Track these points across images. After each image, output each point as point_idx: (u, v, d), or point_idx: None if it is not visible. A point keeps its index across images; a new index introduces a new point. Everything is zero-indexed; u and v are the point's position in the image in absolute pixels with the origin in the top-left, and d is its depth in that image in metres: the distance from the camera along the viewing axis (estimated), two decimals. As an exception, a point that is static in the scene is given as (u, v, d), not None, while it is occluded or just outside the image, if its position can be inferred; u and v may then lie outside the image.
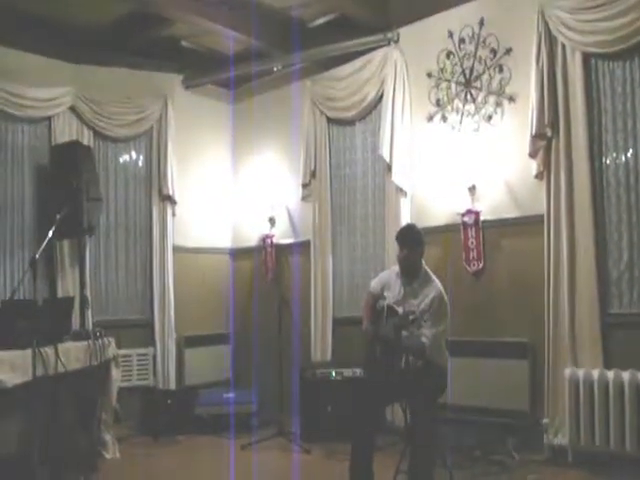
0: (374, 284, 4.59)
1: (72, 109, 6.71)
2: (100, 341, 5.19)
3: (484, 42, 5.68)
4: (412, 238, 4.35)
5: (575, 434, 4.84)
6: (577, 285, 5.03)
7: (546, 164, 5.22)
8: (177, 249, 7.34)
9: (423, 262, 4.38)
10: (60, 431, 4.83)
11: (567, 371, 4.92)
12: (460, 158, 5.75)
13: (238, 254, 7.97)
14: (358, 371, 5.80)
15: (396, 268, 4.48)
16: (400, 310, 4.19)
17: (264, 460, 5.39)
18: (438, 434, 4.15)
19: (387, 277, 4.53)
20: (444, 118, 5.96)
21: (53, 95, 6.57)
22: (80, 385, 5.11)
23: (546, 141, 5.20)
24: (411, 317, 4.05)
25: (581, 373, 4.85)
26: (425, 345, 4.05)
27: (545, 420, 5.06)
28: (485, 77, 5.67)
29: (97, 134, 6.95)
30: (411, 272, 4.34)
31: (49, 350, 4.61)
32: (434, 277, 4.36)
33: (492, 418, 5.32)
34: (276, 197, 7.43)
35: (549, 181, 5.20)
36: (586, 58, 5.08)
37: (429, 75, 6.05)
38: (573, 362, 4.97)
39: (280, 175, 7.49)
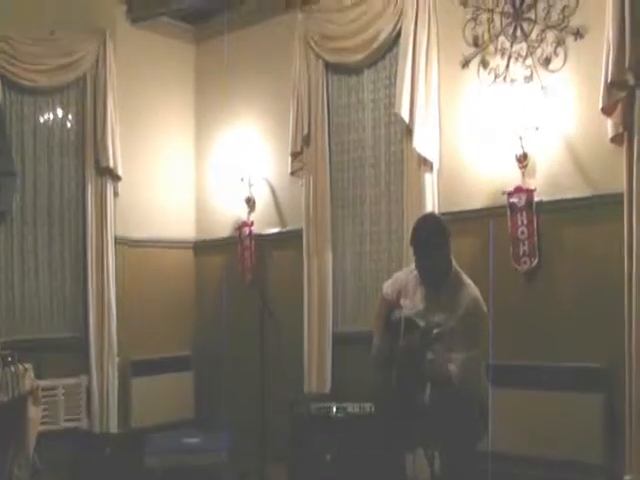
0: (388, 288, 4.62)
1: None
2: (12, 369, 5.21)
3: (539, -45, 5.69)
4: (435, 238, 4.28)
5: (669, 497, 4.77)
6: (670, 289, 4.95)
7: (627, 123, 5.10)
8: (121, 241, 7.34)
9: (453, 260, 4.36)
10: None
11: (657, 408, 4.84)
12: (506, 117, 5.67)
13: (204, 248, 8.05)
14: (368, 406, 5.68)
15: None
16: (422, 324, 4.16)
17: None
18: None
19: (404, 279, 4.54)
20: (484, 63, 5.93)
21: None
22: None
23: (627, 91, 5.06)
24: (435, 331, 4.04)
25: (676, 412, 4.79)
26: (451, 374, 4.02)
27: (627, 477, 4.94)
28: (541, 5, 5.61)
29: (7, 83, 6.91)
30: (433, 278, 4.35)
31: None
32: (468, 280, 4.35)
33: (552, 473, 5.24)
34: (256, 171, 7.43)
35: (631, 146, 5.08)
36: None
37: (464, 4, 6.03)
38: (665, 396, 4.89)
39: (261, 142, 7.51)
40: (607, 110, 5.15)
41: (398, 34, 6.29)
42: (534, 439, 5.29)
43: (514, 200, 5.59)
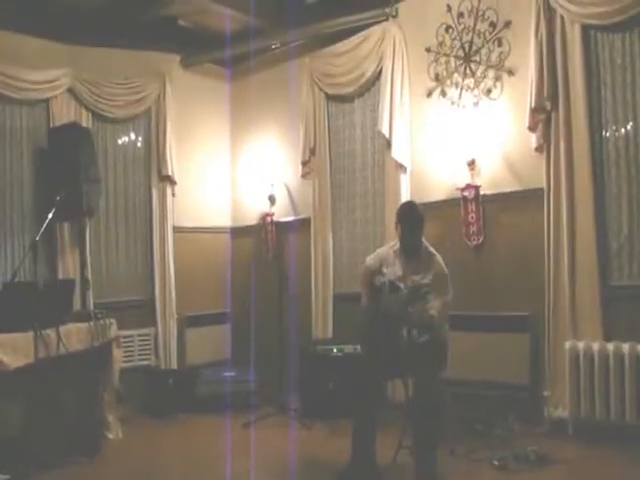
0: (371, 260, 4.59)
1: (70, 91, 6.67)
2: (101, 322, 5.20)
3: (483, 16, 5.63)
4: (416, 216, 4.38)
5: (575, 406, 4.85)
6: (577, 258, 5.02)
7: (546, 137, 5.19)
8: (177, 229, 7.31)
9: (423, 238, 4.42)
10: (62, 412, 4.84)
11: (567, 344, 4.91)
12: (459, 133, 5.72)
13: (238, 233, 7.91)
14: (359, 347, 5.63)
15: (394, 245, 4.51)
16: (402, 286, 4.18)
17: (265, 438, 5.37)
18: (441, 407, 4.18)
19: (385, 254, 4.54)
20: (443, 93, 5.92)
21: (51, 77, 6.52)
22: (82, 366, 5.13)
23: (545, 114, 5.17)
24: (423, 290, 4.07)
25: (581, 345, 4.85)
26: (434, 317, 4.07)
27: (546, 393, 5.08)
28: (484, 51, 5.61)
29: (95, 115, 6.89)
30: (413, 249, 4.38)
31: (50, 332, 4.65)
32: (435, 252, 4.41)
33: (493, 391, 5.32)
34: (275, 175, 7.36)
35: (549, 154, 5.17)
36: (585, 30, 5.01)
37: (428, 50, 6.00)
38: (573, 335, 4.97)
39: (279, 153, 7.42)
40: (532, 127, 5.22)
41: (379, 72, 6.27)
42: (481, 368, 5.35)
43: (465, 194, 5.60)
